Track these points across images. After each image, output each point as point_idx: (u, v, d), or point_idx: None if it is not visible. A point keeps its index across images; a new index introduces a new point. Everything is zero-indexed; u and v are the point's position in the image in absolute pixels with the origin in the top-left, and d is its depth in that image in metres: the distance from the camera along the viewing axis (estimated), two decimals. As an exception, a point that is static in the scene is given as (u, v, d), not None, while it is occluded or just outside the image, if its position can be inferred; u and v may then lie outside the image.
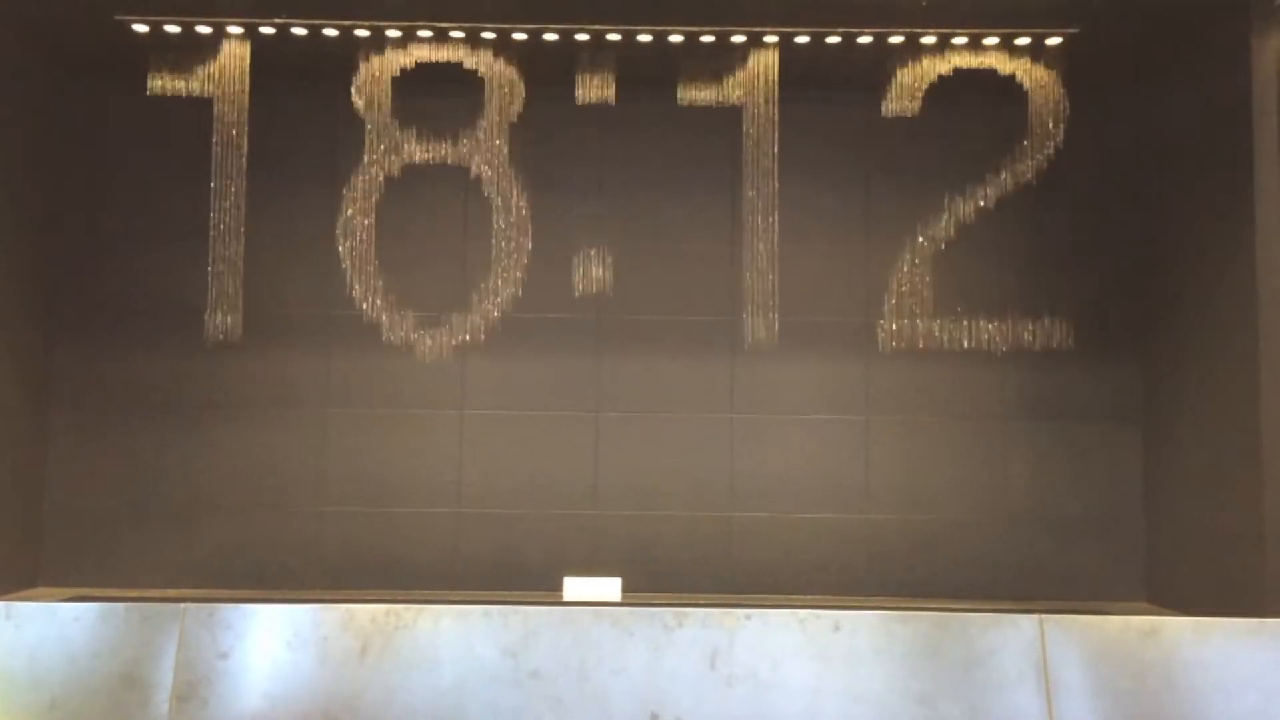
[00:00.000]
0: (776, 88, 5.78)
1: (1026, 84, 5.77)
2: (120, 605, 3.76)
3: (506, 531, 6.27)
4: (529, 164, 5.85)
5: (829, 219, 6.46)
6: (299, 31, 5.65)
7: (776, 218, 5.82)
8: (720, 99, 5.80)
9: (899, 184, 6.40)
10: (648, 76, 5.81)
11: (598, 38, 5.67)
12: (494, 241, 5.80)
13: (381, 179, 5.81)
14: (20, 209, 5.95)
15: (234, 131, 5.82)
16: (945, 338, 5.98)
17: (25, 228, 6.00)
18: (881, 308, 5.92)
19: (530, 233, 5.82)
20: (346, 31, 5.65)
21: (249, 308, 6.23)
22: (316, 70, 6.17)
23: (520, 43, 5.70)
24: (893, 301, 5.91)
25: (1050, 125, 5.78)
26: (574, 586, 5.47)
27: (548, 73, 5.69)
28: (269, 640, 3.68)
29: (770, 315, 5.76)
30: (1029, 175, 5.81)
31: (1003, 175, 5.83)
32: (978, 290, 6.38)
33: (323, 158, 6.35)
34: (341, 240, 5.80)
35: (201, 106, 6.21)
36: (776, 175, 5.83)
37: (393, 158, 5.81)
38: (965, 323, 5.98)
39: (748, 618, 3.73)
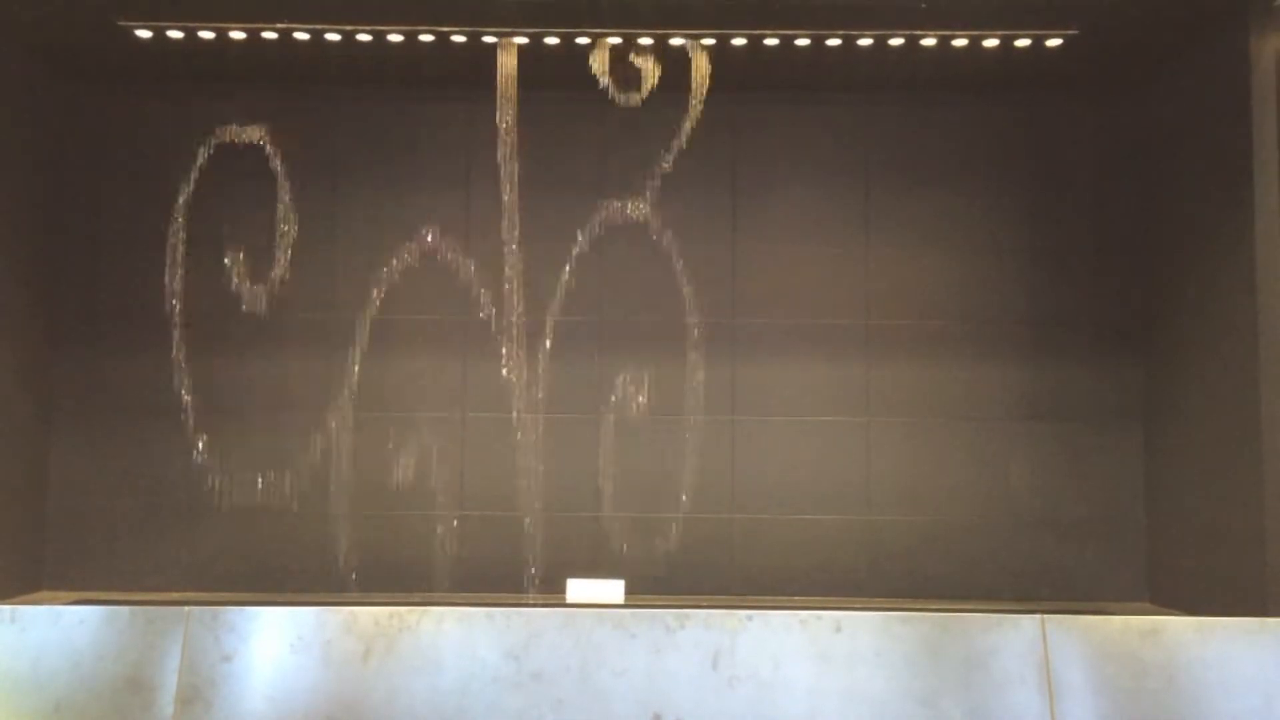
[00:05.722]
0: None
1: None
2: (124, 608, 3.76)
3: (510, 534, 6.27)
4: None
5: (829, 220, 6.46)
6: (301, 36, 5.67)
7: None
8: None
9: (899, 184, 6.42)
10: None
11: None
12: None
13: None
14: (23, 213, 5.96)
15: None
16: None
17: (28, 231, 6.02)
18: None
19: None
20: (349, 36, 5.68)
21: (253, 311, 6.25)
22: (321, 74, 6.22)
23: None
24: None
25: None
26: (577, 588, 5.47)
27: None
28: (273, 643, 3.69)
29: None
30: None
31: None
32: (977, 291, 6.41)
33: (325, 158, 6.38)
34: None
35: (204, 112, 6.23)
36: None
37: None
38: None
39: (749, 619, 3.73)
